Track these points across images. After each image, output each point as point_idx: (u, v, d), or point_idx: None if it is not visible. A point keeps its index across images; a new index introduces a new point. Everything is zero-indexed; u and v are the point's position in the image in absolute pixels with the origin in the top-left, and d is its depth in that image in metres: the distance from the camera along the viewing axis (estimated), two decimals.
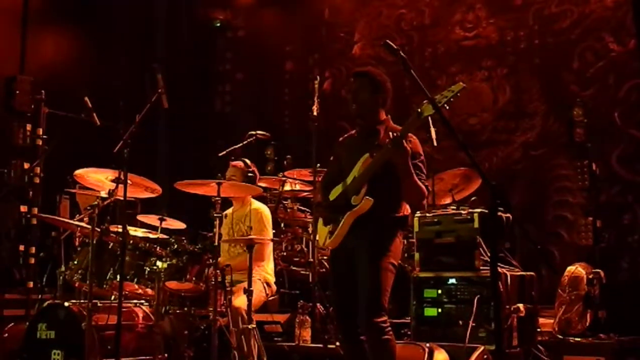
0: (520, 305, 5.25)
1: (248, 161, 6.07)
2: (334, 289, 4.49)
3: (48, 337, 5.06)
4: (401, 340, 5.14)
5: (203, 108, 10.35)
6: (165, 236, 5.61)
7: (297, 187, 6.88)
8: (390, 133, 4.09)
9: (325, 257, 6.23)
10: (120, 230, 4.98)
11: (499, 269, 5.21)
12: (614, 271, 6.73)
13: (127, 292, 5.27)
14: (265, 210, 5.93)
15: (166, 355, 5.09)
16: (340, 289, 4.34)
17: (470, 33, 8.38)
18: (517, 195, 7.67)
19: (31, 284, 7.19)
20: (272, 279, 5.86)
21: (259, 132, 6.88)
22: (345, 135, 4.63)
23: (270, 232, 5.91)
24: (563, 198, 7.52)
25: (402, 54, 3.88)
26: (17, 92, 7.59)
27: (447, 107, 3.92)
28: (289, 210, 6.83)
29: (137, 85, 5.42)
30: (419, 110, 4.02)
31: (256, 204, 5.95)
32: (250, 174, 5.96)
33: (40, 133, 7.59)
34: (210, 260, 5.10)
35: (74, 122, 6.93)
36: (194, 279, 5.14)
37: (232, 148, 6.70)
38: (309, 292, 5.96)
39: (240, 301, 5.19)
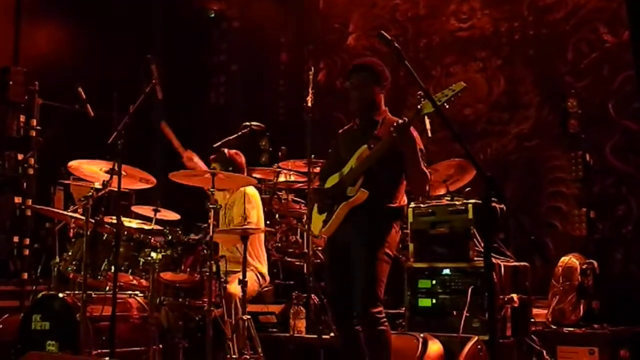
0: (514, 296, 5.27)
1: (226, 150, 6.04)
2: (329, 279, 4.51)
3: (43, 328, 5.07)
4: (395, 330, 5.15)
5: (198, 99, 10.32)
6: (159, 227, 5.61)
7: (292, 178, 6.88)
8: (396, 122, 4.10)
9: (319, 248, 6.24)
10: (115, 221, 4.98)
11: (493, 260, 5.22)
12: (608, 262, 6.74)
13: (121, 283, 5.27)
14: (253, 192, 5.89)
15: (161, 346, 5.10)
16: (335, 279, 4.36)
17: (464, 24, 8.37)
18: (511, 186, 7.68)
19: (25, 275, 7.19)
20: (265, 270, 5.86)
21: (253, 123, 6.87)
22: (346, 127, 4.64)
23: (258, 215, 5.88)
24: (557, 189, 7.53)
25: (396, 44, 3.88)
26: (11, 83, 7.56)
27: (447, 107, 3.94)
28: (283, 201, 6.83)
29: (131, 76, 5.40)
30: (419, 107, 4.04)
31: (248, 190, 5.93)
32: (229, 159, 5.92)
33: (34, 124, 7.57)
34: (205, 251, 5.11)
35: (67, 113, 6.91)
36: (188, 270, 5.14)
37: (226, 139, 6.69)
38: (303, 283, 5.97)
39: (234, 288, 5.20)
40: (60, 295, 5.09)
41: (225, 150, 6.03)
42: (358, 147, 4.29)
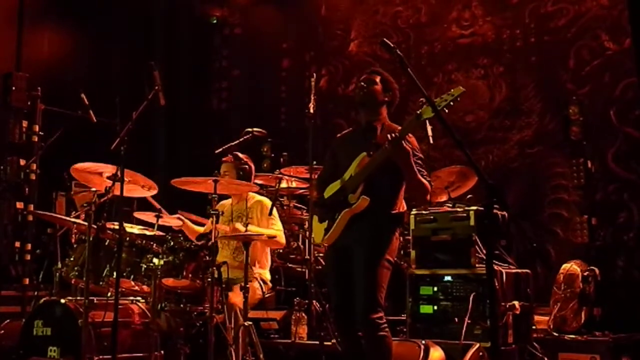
0: (516, 303, 5.26)
1: (240, 154, 6.02)
2: (330, 285, 4.51)
3: (44, 334, 5.06)
4: (397, 337, 5.15)
5: (200, 105, 10.34)
6: (161, 233, 5.61)
7: (294, 185, 6.88)
8: (389, 135, 4.11)
9: (321, 255, 6.24)
10: (117, 227, 4.98)
11: (495, 267, 5.23)
12: (609, 269, 6.74)
13: (123, 289, 5.27)
14: (268, 202, 5.91)
15: (162, 352, 5.09)
16: (336, 285, 4.36)
17: (466, 31, 8.39)
18: (513, 193, 7.68)
19: (27, 281, 7.18)
20: (267, 276, 5.87)
21: (255, 129, 6.88)
22: (343, 132, 4.65)
23: (279, 223, 5.90)
24: (559, 196, 7.54)
25: (398, 52, 3.89)
26: (13, 88, 7.57)
27: (447, 111, 3.95)
28: (285, 207, 6.83)
29: (133, 82, 5.42)
30: (419, 112, 4.05)
31: (258, 197, 5.93)
32: (244, 165, 5.91)
33: (37, 130, 7.58)
34: (207, 257, 5.11)
35: (70, 119, 6.92)
36: (190, 276, 5.14)
37: (228, 145, 6.70)
38: (305, 289, 5.97)
39: (236, 297, 5.20)
40: (62, 301, 5.08)
41: (239, 154, 6.00)
42: (357, 153, 4.29)
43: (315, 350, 5.25)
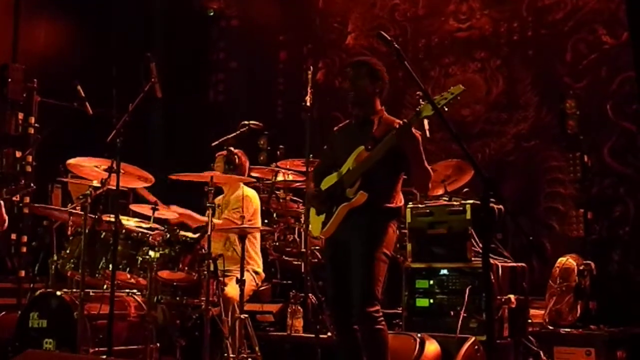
0: (512, 296, 5.27)
1: (233, 149, 6.04)
2: (327, 279, 4.51)
3: (40, 326, 5.07)
4: (392, 330, 5.16)
5: (196, 97, 10.32)
6: (157, 226, 5.60)
7: (290, 178, 6.88)
8: (398, 124, 4.09)
9: (317, 247, 6.25)
10: (113, 219, 4.98)
11: (491, 260, 5.23)
12: (605, 263, 6.76)
13: (119, 282, 5.27)
14: (253, 197, 5.90)
15: (158, 344, 5.09)
16: (333, 279, 4.36)
17: (463, 24, 8.38)
18: (509, 187, 7.69)
19: (23, 273, 7.18)
20: (260, 269, 5.87)
21: (252, 122, 6.85)
22: (340, 125, 4.64)
23: (257, 221, 5.89)
24: (555, 190, 7.54)
25: (396, 45, 3.88)
26: (10, 80, 7.56)
27: (447, 109, 3.94)
28: (281, 200, 6.83)
29: (130, 74, 5.41)
30: (418, 109, 4.04)
31: (246, 191, 5.94)
32: (233, 157, 5.93)
33: (33, 121, 7.57)
34: (203, 250, 5.11)
35: (66, 111, 6.90)
36: (186, 268, 5.14)
37: (225, 138, 6.68)
38: (301, 282, 5.97)
39: (232, 291, 5.20)
40: (58, 293, 5.08)
41: (232, 149, 6.01)
42: (355, 147, 4.28)
43: (310, 343, 5.27)
